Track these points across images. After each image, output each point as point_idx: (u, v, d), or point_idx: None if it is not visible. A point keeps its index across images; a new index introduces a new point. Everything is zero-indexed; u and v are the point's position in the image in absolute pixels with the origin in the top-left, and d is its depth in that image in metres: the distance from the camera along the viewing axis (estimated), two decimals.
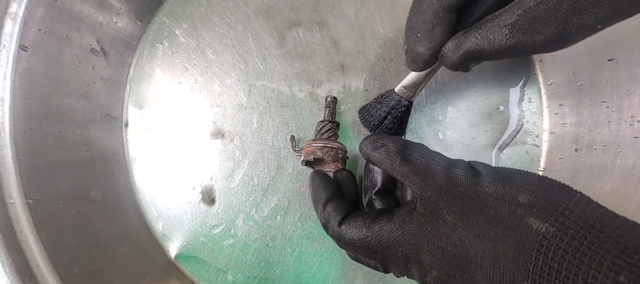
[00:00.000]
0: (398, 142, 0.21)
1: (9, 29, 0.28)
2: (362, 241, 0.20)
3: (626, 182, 0.27)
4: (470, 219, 0.17)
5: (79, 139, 0.34)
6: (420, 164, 0.19)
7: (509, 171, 0.18)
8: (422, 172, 0.19)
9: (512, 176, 0.17)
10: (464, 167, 0.18)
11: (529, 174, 0.17)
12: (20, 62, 0.29)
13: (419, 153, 0.20)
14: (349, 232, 0.21)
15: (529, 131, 0.32)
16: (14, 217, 0.28)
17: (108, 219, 0.34)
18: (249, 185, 0.35)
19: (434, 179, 0.18)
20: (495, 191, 0.17)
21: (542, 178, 0.17)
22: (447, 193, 0.18)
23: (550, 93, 0.32)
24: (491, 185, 0.17)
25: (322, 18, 0.34)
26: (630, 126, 0.27)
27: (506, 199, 0.16)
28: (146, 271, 0.35)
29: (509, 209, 0.16)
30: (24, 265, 0.28)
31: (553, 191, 0.16)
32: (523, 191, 0.16)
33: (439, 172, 0.18)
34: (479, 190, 0.17)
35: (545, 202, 0.15)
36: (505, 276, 0.15)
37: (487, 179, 0.17)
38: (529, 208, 0.15)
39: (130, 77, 0.37)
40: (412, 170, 0.19)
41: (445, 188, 0.18)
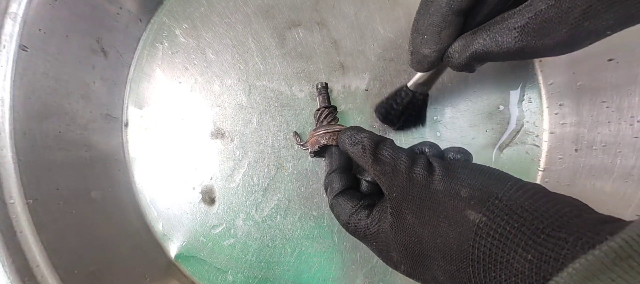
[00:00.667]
0: (372, 140, 0.22)
1: (9, 29, 0.28)
2: (345, 224, 0.23)
3: (626, 182, 0.27)
4: (424, 217, 0.18)
5: (79, 139, 0.34)
6: (387, 164, 0.20)
7: (457, 166, 0.19)
8: (389, 173, 0.20)
9: (458, 171, 0.18)
10: (423, 165, 0.19)
11: (473, 168, 0.18)
12: (20, 62, 0.29)
13: (387, 152, 0.21)
14: (337, 210, 0.23)
15: (529, 131, 0.32)
16: (14, 217, 0.28)
17: (108, 219, 0.34)
18: (249, 185, 0.35)
19: (398, 179, 0.20)
20: (444, 188, 0.18)
21: (483, 170, 0.18)
22: (408, 194, 0.19)
23: (550, 93, 0.32)
24: (441, 182, 0.18)
25: (322, 18, 0.34)
26: (630, 126, 0.27)
27: (451, 195, 0.18)
28: (146, 271, 0.35)
29: (453, 204, 0.17)
30: (24, 265, 0.28)
31: (490, 182, 0.17)
32: (464, 185, 0.17)
33: (402, 172, 0.20)
34: (432, 188, 0.18)
35: (480, 194, 0.17)
36: (453, 266, 0.17)
37: (438, 177, 0.18)
38: (468, 201, 0.17)
39: (130, 77, 0.37)
40: (381, 171, 0.20)
41: (407, 189, 0.19)
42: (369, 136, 0.22)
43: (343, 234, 0.34)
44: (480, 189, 0.17)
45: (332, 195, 0.24)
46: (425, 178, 0.19)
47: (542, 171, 0.32)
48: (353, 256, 0.33)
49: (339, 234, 0.34)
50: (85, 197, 0.33)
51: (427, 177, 0.19)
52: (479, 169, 0.18)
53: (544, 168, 0.32)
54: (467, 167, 0.19)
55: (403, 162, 0.20)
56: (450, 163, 0.19)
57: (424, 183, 0.19)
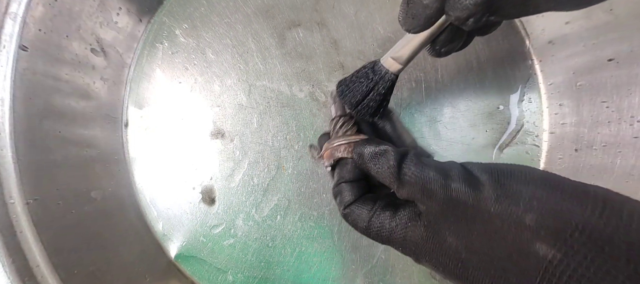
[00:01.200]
0: (393, 157, 0.18)
1: (9, 29, 0.28)
2: (365, 230, 0.20)
3: (626, 182, 0.27)
4: (473, 243, 0.16)
5: (79, 139, 0.34)
6: (415, 184, 0.17)
7: (512, 182, 0.15)
8: (420, 194, 0.17)
9: (515, 185, 0.15)
10: (462, 179, 0.16)
11: (533, 178, 0.15)
12: (20, 62, 0.29)
13: (411, 171, 0.18)
14: (353, 218, 0.21)
15: (529, 131, 0.32)
16: (14, 217, 0.28)
17: (108, 219, 0.34)
18: (249, 185, 0.35)
19: (434, 199, 0.17)
20: (500, 211, 0.15)
21: (548, 182, 0.15)
22: (450, 214, 0.16)
23: (550, 93, 0.32)
24: (496, 203, 0.15)
25: (322, 18, 0.34)
26: (630, 126, 0.27)
27: (512, 221, 0.14)
28: (146, 271, 0.35)
29: (516, 234, 0.14)
30: (24, 265, 0.28)
31: (564, 204, 0.14)
32: (530, 210, 0.14)
33: (437, 191, 0.17)
34: (483, 209, 0.15)
35: (553, 222, 0.14)
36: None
37: (490, 195, 0.15)
38: (536, 232, 0.14)
39: (130, 77, 0.37)
40: (410, 194, 0.18)
41: (446, 208, 0.16)
42: (388, 152, 0.19)
43: (343, 234, 0.34)
44: (553, 215, 0.14)
45: (343, 205, 0.21)
46: (471, 196, 0.16)
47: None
48: (353, 256, 0.33)
49: (339, 234, 0.34)
50: (85, 197, 0.33)
51: (472, 194, 0.15)
52: (542, 181, 0.15)
53: (544, 168, 0.32)
54: (524, 176, 0.15)
55: (434, 180, 0.17)
56: (499, 173, 0.16)
57: (471, 203, 0.15)
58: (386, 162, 0.18)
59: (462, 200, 0.16)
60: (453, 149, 0.33)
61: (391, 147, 0.19)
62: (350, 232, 0.33)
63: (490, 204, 0.15)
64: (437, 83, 0.33)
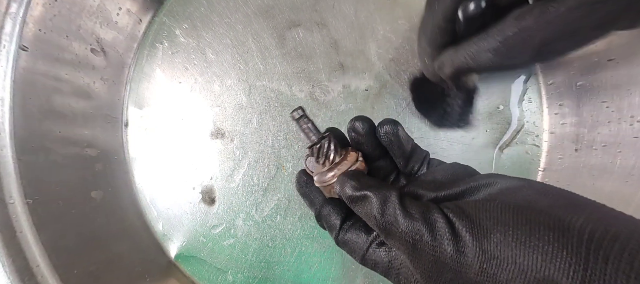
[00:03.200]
0: (376, 204, 0.17)
1: (9, 29, 0.28)
2: (361, 261, 0.19)
3: (626, 182, 0.27)
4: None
5: (79, 139, 0.34)
6: (402, 240, 0.16)
7: (487, 226, 0.15)
8: (409, 250, 0.16)
9: (499, 251, 0.14)
10: (447, 237, 0.15)
11: (517, 238, 0.14)
12: (20, 62, 0.29)
13: (399, 225, 0.16)
14: (348, 248, 0.20)
15: (529, 131, 0.32)
16: (14, 217, 0.28)
17: (108, 219, 0.34)
18: (249, 185, 0.35)
19: (422, 260, 0.16)
20: (485, 281, 0.14)
21: (532, 240, 0.14)
22: (437, 275, 0.16)
23: (550, 93, 0.32)
24: (481, 273, 0.14)
25: (322, 18, 0.34)
26: (630, 126, 0.27)
27: None
28: (146, 271, 0.35)
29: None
30: (24, 265, 0.28)
31: (546, 268, 0.13)
32: (514, 279, 0.14)
33: (426, 251, 0.15)
34: (469, 279, 0.15)
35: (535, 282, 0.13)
36: None
37: (473, 261, 0.14)
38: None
39: (130, 77, 0.37)
40: (398, 245, 0.16)
41: (434, 268, 0.15)
42: (368, 199, 0.17)
43: None
44: (538, 282, 0.13)
45: (335, 232, 0.20)
46: (456, 261, 0.15)
47: (542, 171, 0.32)
48: None
49: None
50: (85, 197, 0.33)
51: (457, 258, 0.15)
52: (526, 243, 0.14)
53: (544, 168, 0.32)
54: (510, 236, 0.14)
55: (423, 236, 0.15)
56: (486, 231, 0.15)
57: (455, 267, 0.15)
58: (368, 211, 0.17)
59: (449, 265, 0.15)
60: (453, 149, 0.33)
61: (371, 193, 0.17)
62: None
63: (473, 274, 0.14)
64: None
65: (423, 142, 0.33)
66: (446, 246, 0.15)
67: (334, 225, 0.20)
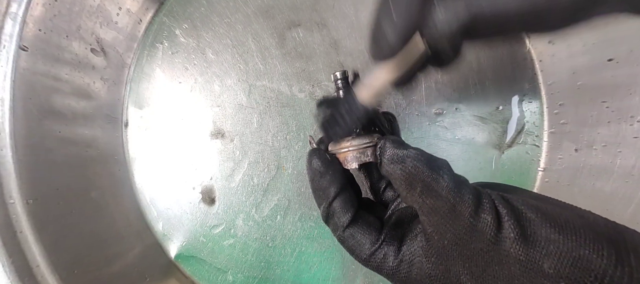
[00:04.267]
0: (424, 161, 0.16)
1: (9, 29, 0.28)
2: (364, 262, 0.18)
3: (626, 182, 0.27)
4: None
5: (79, 139, 0.34)
6: (444, 199, 0.15)
7: (532, 216, 0.14)
8: (445, 213, 0.15)
9: (536, 227, 0.14)
10: (491, 212, 0.15)
11: (555, 219, 0.14)
12: (20, 62, 0.29)
13: (446, 182, 0.15)
14: (350, 243, 0.19)
15: (529, 131, 0.32)
16: (14, 217, 0.28)
17: (108, 219, 0.34)
18: (249, 185, 0.35)
19: (456, 225, 0.15)
20: (518, 256, 0.14)
21: (569, 224, 0.14)
22: (467, 247, 0.15)
23: (550, 93, 0.32)
24: (514, 245, 0.14)
25: (322, 18, 0.34)
26: (630, 126, 0.27)
27: (530, 266, 0.14)
28: (146, 271, 0.35)
29: (535, 279, 0.14)
30: (24, 265, 0.28)
31: (581, 250, 0.13)
32: (549, 256, 0.14)
33: (464, 216, 0.15)
34: (502, 251, 0.14)
35: (572, 272, 0.13)
36: None
37: (510, 237, 0.14)
38: (556, 280, 0.13)
39: (130, 77, 0.37)
40: (432, 207, 0.16)
41: (465, 240, 0.15)
42: (418, 156, 0.16)
43: None
44: (571, 263, 0.13)
45: (341, 228, 0.19)
46: (493, 234, 0.14)
47: (542, 171, 0.32)
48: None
49: None
50: (85, 197, 0.33)
51: (495, 232, 0.14)
52: (564, 224, 0.14)
53: (544, 168, 0.32)
54: (547, 217, 0.14)
55: (467, 202, 0.15)
56: (521, 212, 0.15)
57: (492, 239, 0.14)
58: (407, 166, 0.16)
59: (484, 236, 0.15)
60: (453, 149, 0.33)
61: (416, 150, 0.17)
62: None
63: (508, 246, 0.14)
64: (437, 83, 0.33)
65: (423, 142, 0.33)
66: (487, 216, 0.15)
67: (344, 219, 0.19)
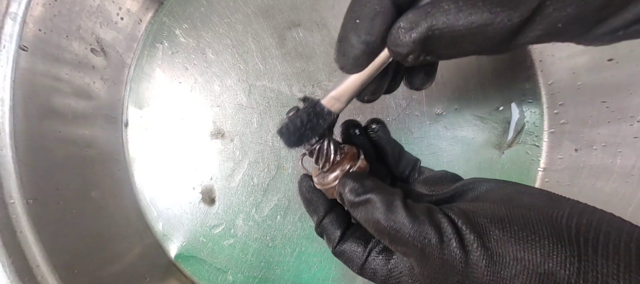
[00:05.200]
0: (382, 204, 0.16)
1: (9, 29, 0.28)
2: (359, 272, 0.19)
3: (626, 182, 0.27)
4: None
5: (79, 139, 0.34)
6: (411, 244, 0.15)
7: (492, 231, 0.15)
8: (418, 257, 0.15)
9: (504, 252, 0.14)
10: (455, 240, 0.15)
11: (516, 235, 0.14)
12: (20, 62, 0.29)
13: (408, 227, 0.15)
14: (345, 258, 0.19)
15: (529, 131, 0.32)
16: (14, 217, 0.28)
17: (108, 219, 0.34)
18: (249, 185, 0.35)
19: (430, 265, 0.15)
20: (490, 280, 0.14)
21: (531, 236, 0.14)
22: (442, 278, 0.15)
23: (550, 93, 0.32)
24: (486, 271, 0.14)
25: (322, 18, 0.34)
26: (630, 126, 0.27)
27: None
28: (146, 271, 0.35)
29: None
30: (24, 265, 0.28)
31: (545, 262, 0.13)
32: (517, 276, 0.14)
33: (435, 256, 0.15)
34: (475, 279, 0.14)
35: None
36: None
37: (478, 265, 0.14)
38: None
39: (130, 77, 0.37)
40: (404, 251, 0.16)
41: (441, 276, 0.15)
42: (372, 202, 0.16)
43: None
44: (538, 279, 0.13)
45: (333, 245, 0.20)
46: (462, 262, 0.14)
47: (542, 171, 0.32)
48: None
49: None
50: (85, 197, 0.33)
51: (464, 259, 0.14)
52: (530, 235, 0.14)
53: (544, 168, 0.32)
54: (512, 230, 0.14)
55: (431, 240, 0.15)
56: (485, 229, 0.15)
57: (461, 269, 0.14)
58: (371, 216, 0.16)
59: (457, 267, 0.15)
60: (453, 149, 0.33)
61: (374, 196, 0.16)
62: None
63: (480, 273, 0.14)
64: (437, 83, 0.33)
65: (423, 142, 0.33)
66: (454, 249, 0.15)
67: (334, 236, 0.20)
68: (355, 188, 0.17)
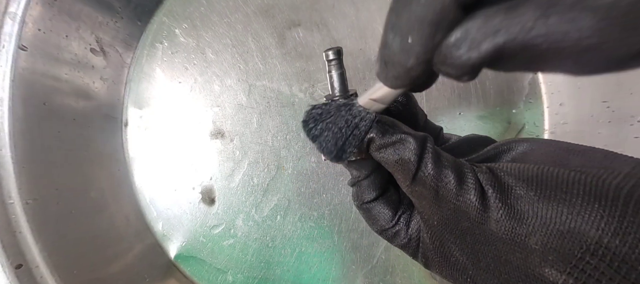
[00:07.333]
0: (414, 147, 0.16)
1: (9, 28, 0.28)
2: (378, 233, 0.20)
3: None
4: (481, 262, 0.15)
5: (79, 139, 0.34)
6: (430, 187, 0.15)
7: (517, 192, 0.14)
8: (430, 198, 0.16)
9: (521, 203, 0.14)
10: (475, 192, 0.15)
11: (541, 192, 0.14)
12: (19, 62, 0.29)
13: (428, 170, 0.16)
14: (367, 215, 0.20)
15: (529, 131, 0.32)
16: (13, 217, 0.28)
17: (107, 219, 0.34)
18: (249, 185, 0.35)
19: (442, 208, 0.15)
20: (504, 234, 0.14)
21: (555, 196, 0.13)
22: (455, 226, 0.15)
23: (551, 93, 0.32)
24: (499, 224, 0.14)
25: (322, 18, 0.34)
26: (631, 126, 0.27)
27: (517, 244, 0.14)
28: (146, 271, 0.35)
29: (522, 257, 0.14)
30: (23, 265, 0.28)
31: (572, 221, 0.12)
32: (534, 233, 0.13)
33: (449, 199, 0.15)
34: (487, 231, 0.14)
35: (561, 245, 0.12)
36: None
37: (495, 215, 0.14)
38: (543, 256, 0.13)
39: (129, 77, 0.37)
40: (419, 193, 0.16)
41: (452, 220, 0.15)
42: (408, 141, 0.16)
43: (343, 234, 0.33)
44: (559, 235, 0.12)
45: (362, 201, 0.20)
46: (478, 212, 0.14)
47: None
48: (353, 256, 0.33)
49: (339, 234, 0.34)
50: (85, 197, 0.33)
51: (481, 211, 0.14)
52: (550, 196, 0.13)
53: None
54: (539, 190, 0.14)
55: (448, 185, 0.15)
56: (508, 187, 0.14)
57: (477, 219, 0.14)
58: (405, 155, 0.16)
59: (469, 215, 0.15)
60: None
61: (411, 137, 0.16)
62: (350, 232, 0.33)
63: (494, 225, 0.14)
64: (436, 83, 0.33)
65: None
66: (471, 197, 0.14)
67: (368, 195, 0.19)
68: (392, 127, 0.17)
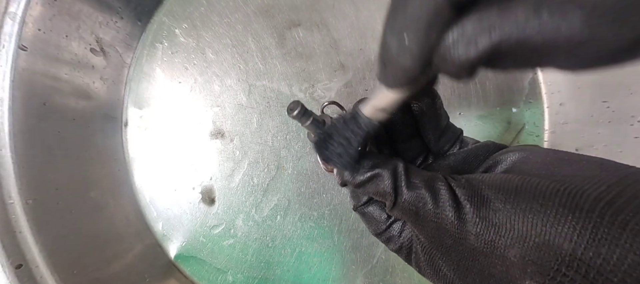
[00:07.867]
0: (389, 185, 0.17)
1: (9, 28, 0.28)
2: (374, 235, 0.21)
3: None
4: (467, 277, 0.15)
5: (79, 139, 0.34)
6: (409, 211, 0.16)
7: (492, 199, 0.14)
8: (413, 220, 0.16)
9: (497, 213, 0.14)
10: (449, 206, 0.15)
11: (516, 203, 0.14)
12: (19, 62, 0.29)
13: (405, 197, 0.16)
14: (365, 219, 0.21)
15: (529, 131, 0.32)
16: (13, 217, 0.28)
17: (107, 219, 0.34)
18: (249, 185, 0.35)
19: (425, 227, 0.16)
20: (484, 248, 0.14)
21: (533, 204, 0.13)
22: (440, 244, 0.16)
23: (551, 93, 0.32)
24: (479, 238, 0.14)
25: (322, 18, 0.34)
26: (631, 126, 0.27)
27: (497, 257, 0.14)
28: (146, 271, 0.35)
29: (503, 270, 0.14)
30: (23, 265, 0.28)
31: (547, 232, 0.12)
32: (512, 245, 0.13)
33: (429, 219, 0.16)
34: (469, 245, 0.14)
35: (538, 257, 0.13)
36: None
37: (473, 229, 0.14)
38: (523, 268, 0.13)
39: (129, 77, 0.37)
40: (405, 216, 0.17)
41: (437, 238, 0.16)
42: (381, 176, 0.17)
43: (343, 234, 0.33)
44: (536, 249, 0.13)
45: (357, 203, 0.21)
46: (456, 227, 0.15)
47: None
48: (353, 256, 0.33)
49: (339, 234, 0.34)
50: (85, 197, 0.33)
51: (459, 226, 0.15)
52: (526, 209, 0.13)
53: None
54: (517, 201, 0.14)
55: (426, 205, 0.16)
56: (486, 200, 0.14)
57: (457, 235, 0.15)
58: (381, 189, 0.17)
59: (450, 231, 0.15)
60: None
61: (383, 170, 0.17)
62: (350, 232, 0.33)
63: (473, 240, 0.14)
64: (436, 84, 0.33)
65: None
66: (447, 213, 0.15)
67: (360, 200, 0.21)
68: (365, 166, 0.18)
